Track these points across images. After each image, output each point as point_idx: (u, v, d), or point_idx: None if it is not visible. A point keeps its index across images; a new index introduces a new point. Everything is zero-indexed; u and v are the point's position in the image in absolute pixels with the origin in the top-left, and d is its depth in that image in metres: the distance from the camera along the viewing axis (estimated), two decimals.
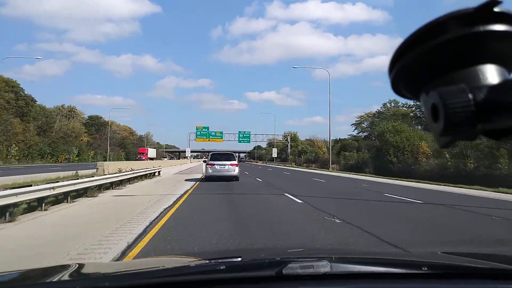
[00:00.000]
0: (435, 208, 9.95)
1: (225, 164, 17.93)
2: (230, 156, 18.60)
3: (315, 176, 26.62)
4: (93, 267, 1.87)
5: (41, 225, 6.64)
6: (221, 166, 17.88)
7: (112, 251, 4.80)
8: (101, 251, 4.76)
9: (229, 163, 18.02)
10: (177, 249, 4.98)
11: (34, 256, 4.50)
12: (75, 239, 5.38)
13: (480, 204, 10.95)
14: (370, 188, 16.48)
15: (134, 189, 13.98)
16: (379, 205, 10.42)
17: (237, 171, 18.08)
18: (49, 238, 5.51)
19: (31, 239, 5.45)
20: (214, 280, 1.18)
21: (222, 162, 17.97)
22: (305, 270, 1.22)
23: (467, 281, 1.23)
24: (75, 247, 4.90)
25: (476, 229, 6.83)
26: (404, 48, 0.46)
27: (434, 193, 14.45)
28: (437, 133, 0.42)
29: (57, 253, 4.61)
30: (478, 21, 0.42)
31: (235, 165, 18.13)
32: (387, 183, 20.54)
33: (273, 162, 79.60)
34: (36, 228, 6.35)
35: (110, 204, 9.71)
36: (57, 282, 1.29)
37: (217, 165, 17.89)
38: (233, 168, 17.96)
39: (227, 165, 17.91)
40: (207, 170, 18.07)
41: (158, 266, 1.62)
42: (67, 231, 6.05)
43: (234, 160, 18.50)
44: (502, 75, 0.43)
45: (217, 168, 17.84)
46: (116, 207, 9.04)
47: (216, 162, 18.00)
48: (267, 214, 8.38)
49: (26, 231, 6.03)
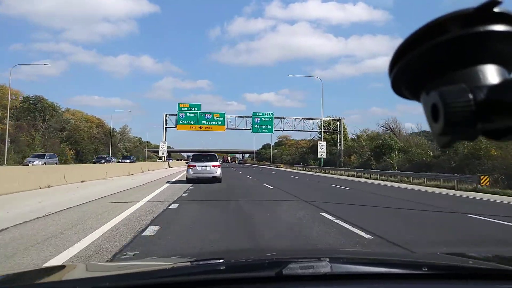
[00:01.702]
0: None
1: (207, 165, 17.46)
2: (212, 157, 18.20)
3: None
4: (93, 267, 1.87)
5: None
6: (203, 167, 17.43)
7: None
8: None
9: (211, 164, 17.55)
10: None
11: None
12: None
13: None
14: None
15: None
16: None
17: (219, 172, 17.66)
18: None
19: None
20: (214, 280, 1.18)
21: (203, 163, 17.54)
22: (305, 271, 1.22)
23: (467, 281, 1.23)
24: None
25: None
26: (405, 48, 0.46)
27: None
28: (437, 133, 0.42)
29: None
30: (478, 21, 0.42)
31: (217, 167, 17.68)
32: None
33: (318, 167, 42.70)
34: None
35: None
36: (57, 282, 1.29)
37: (198, 167, 17.46)
38: (215, 170, 17.51)
39: (209, 167, 17.45)
40: (188, 171, 17.59)
41: (158, 266, 1.62)
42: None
43: (216, 161, 18.07)
44: (502, 75, 0.43)
45: (199, 169, 17.40)
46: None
47: (198, 163, 17.60)
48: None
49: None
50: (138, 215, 7.49)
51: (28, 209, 7.85)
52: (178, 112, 45.97)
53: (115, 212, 7.71)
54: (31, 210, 7.71)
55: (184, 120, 45.71)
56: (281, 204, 10.33)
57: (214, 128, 46.86)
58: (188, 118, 45.72)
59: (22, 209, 7.89)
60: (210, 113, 46.78)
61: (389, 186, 20.04)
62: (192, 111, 45.86)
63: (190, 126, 46.12)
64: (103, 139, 61.02)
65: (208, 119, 46.04)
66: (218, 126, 46.54)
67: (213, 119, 46.24)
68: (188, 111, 45.72)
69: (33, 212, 7.42)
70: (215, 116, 46.51)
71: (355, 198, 12.73)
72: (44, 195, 10.91)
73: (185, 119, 45.70)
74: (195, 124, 45.81)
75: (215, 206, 9.69)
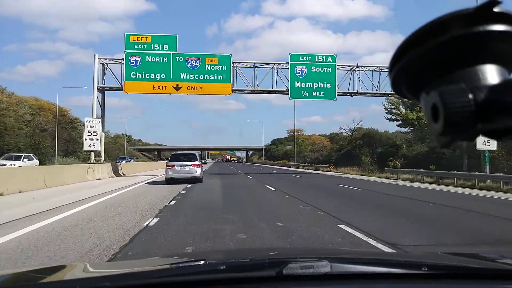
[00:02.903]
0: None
1: (186, 165, 16.66)
2: (191, 156, 17.38)
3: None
4: (93, 267, 1.87)
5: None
6: (182, 167, 16.62)
7: None
8: None
9: (190, 163, 16.72)
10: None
11: None
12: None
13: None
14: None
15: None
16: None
17: (199, 172, 16.74)
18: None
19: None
20: (214, 280, 1.18)
21: (182, 163, 16.76)
22: (306, 270, 1.22)
23: (467, 281, 1.23)
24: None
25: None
26: (404, 48, 0.46)
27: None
28: (437, 133, 0.42)
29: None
30: (478, 21, 0.42)
31: (197, 166, 16.83)
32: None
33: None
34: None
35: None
36: (57, 282, 1.29)
37: (177, 166, 16.65)
38: (195, 169, 16.67)
39: (188, 166, 16.63)
40: (167, 172, 16.77)
41: (158, 266, 1.62)
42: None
43: (196, 160, 17.14)
44: (502, 75, 0.43)
45: (177, 169, 16.58)
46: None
47: (177, 163, 16.81)
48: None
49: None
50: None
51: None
52: (127, 54, 22.96)
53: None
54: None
55: (141, 71, 22.92)
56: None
57: (209, 88, 23.63)
58: (148, 67, 22.94)
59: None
60: (198, 55, 23.72)
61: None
62: (158, 50, 23.11)
63: (154, 85, 23.16)
64: (51, 132, 40.15)
65: (194, 69, 23.25)
66: (218, 84, 23.55)
67: (204, 70, 23.35)
68: (150, 52, 23.02)
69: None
70: (209, 62, 23.47)
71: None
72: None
73: (142, 69, 22.93)
74: (165, 80, 23.04)
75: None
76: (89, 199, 10.34)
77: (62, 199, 10.36)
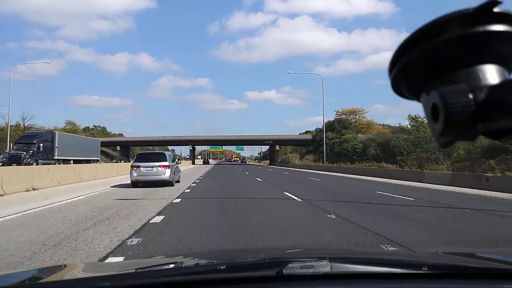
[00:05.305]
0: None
1: (153, 166, 14.61)
2: (159, 156, 15.39)
3: None
4: (93, 267, 1.87)
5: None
6: (148, 168, 14.59)
7: None
8: None
9: (158, 164, 14.66)
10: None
11: None
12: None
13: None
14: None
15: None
16: None
17: (168, 174, 14.65)
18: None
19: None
20: (214, 280, 1.18)
21: (149, 163, 14.69)
22: (306, 270, 1.22)
23: (467, 281, 1.23)
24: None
25: None
26: (405, 48, 0.46)
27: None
28: (437, 133, 0.42)
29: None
30: (478, 21, 0.42)
31: (166, 167, 14.74)
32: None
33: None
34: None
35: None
36: (57, 282, 1.29)
37: (143, 168, 14.61)
38: (163, 171, 14.60)
39: (155, 168, 14.59)
40: (132, 173, 14.70)
41: (159, 266, 1.62)
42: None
43: (165, 161, 14.99)
44: (502, 75, 0.43)
45: (143, 171, 14.55)
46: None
47: (142, 163, 14.75)
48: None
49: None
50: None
51: None
52: None
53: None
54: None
55: None
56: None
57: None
58: None
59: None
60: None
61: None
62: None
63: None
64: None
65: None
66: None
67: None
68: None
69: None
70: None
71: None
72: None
73: None
74: None
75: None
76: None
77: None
